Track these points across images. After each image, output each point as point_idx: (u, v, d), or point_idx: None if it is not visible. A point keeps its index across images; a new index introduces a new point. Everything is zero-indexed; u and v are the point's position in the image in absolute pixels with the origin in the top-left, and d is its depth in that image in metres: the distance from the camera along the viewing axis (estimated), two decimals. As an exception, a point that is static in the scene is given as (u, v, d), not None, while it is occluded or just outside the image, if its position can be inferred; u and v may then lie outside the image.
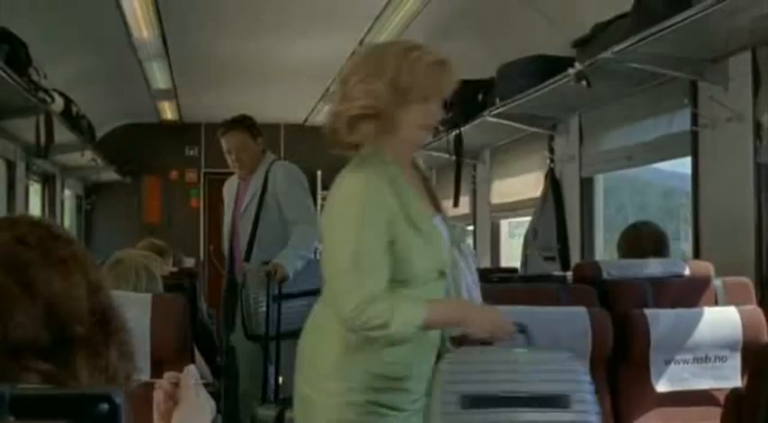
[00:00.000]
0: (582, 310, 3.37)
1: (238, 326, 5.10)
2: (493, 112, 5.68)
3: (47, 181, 7.99)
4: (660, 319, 3.37)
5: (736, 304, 3.43)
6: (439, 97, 2.63)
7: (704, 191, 4.30)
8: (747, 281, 3.61)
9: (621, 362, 3.43)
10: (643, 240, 4.14)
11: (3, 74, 4.48)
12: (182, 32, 6.35)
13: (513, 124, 5.87)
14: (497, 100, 5.57)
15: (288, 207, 5.18)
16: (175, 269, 6.18)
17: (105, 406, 1.05)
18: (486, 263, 7.03)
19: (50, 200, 8.05)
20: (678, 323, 3.38)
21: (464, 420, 2.44)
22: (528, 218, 6.11)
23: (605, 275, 3.65)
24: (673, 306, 3.46)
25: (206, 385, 1.50)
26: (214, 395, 1.56)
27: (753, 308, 3.36)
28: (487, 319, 2.55)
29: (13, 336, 1.21)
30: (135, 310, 2.97)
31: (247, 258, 5.22)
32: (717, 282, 3.57)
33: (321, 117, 9.75)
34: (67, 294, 1.27)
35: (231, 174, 5.48)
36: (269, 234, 5.19)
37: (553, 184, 5.89)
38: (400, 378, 2.60)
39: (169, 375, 1.47)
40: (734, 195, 4.06)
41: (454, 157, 6.46)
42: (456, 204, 7.02)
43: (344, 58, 7.01)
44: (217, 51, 7.07)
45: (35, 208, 7.55)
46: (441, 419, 2.47)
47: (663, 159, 5.01)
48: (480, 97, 6.06)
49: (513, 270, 5.96)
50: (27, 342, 1.22)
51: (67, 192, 8.92)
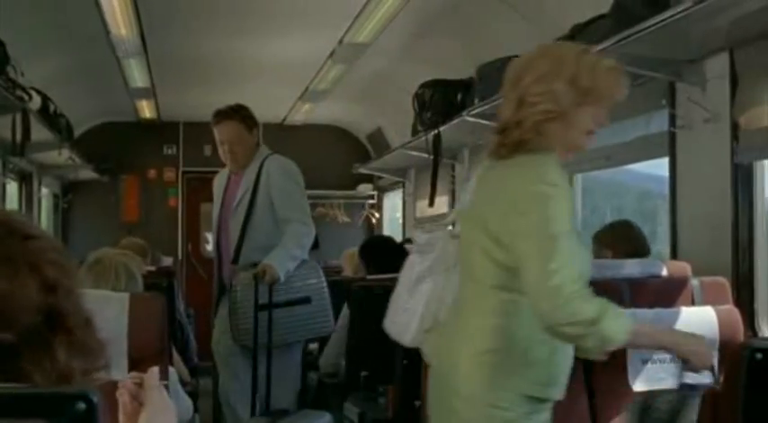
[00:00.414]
0: (560, 311, 3.36)
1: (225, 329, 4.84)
2: (472, 113, 5.67)
3: (24, 179, 7.94)
4: (638, 319, 3.37)
5: (712, 304, 3.45)
6: (610, 103, 2.59)
7: (682, 191, 4.32)
8: (724, 281, 3.62)
9: (598, 362, 3.43)
10: (639, 239, 4.19)
11: (-20, 71, 4.46)
12: (160, 30, 6.32)
13: (493, 124, 5.83)
14: (476, 100, 5.57)
15: (281, 204, 4.88)
16: (153, 268, 6.17)
17: (82, 405, 1.05)
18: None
19: (27, 198, 8.00)
20: (656, 323, 3.38)
21: None
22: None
23: (583, 276, 3.64)
24: (651, 306, 3.45)
25: (184, 385, 1.49)
26: (192, 394, 1.56)
27: (729, 308, 3.37)
28: (700, 352, 2.57)
29: None
30: (113, 310, 2.95)
31: (235, 260, 4.90)
32: (694, 282, 3.58)
33: (300, 116, 9.78)
34: (11, 293, 1.26)
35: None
36: (260, 234, 4.88)
37: (532, 185, 5.87)
38: (550, 400, 2.61)
39: (133, 375, 1.46)
40: (711, 195, 4.08)
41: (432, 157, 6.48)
42: (431, 204, 7.03)
43: (324, 58, 7.03)
44: (196, 50, 7.04)
45: (12, 206, 7.49)
46: None
47: (641, 160, 5.02)
48: (459, 97, 6.07)
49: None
50: None
51: (45, 190, 8.87)
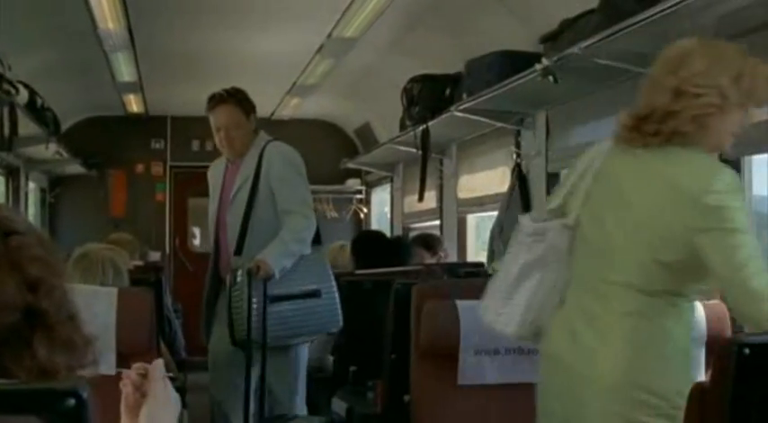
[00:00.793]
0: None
1: (218, 327, 4.65)
2: (460, 107, 5.68)
3: (11, 173, 7.92)
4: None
5: (700, 299, 3.46)
6: (757, 108, 2.55)
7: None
8: (711, 276, 3.64)
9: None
10: None
11: (-34, 65, 4.44)
12: (148, 24, 6.30)
13: (481, 119, 5.88)
14: (465, 95, 5.57)
15: (281, 194, 4.56)
16: (141, 263, 6.15)
17: (72, 401, 1.05)
18: (452, 257, 7.05)
19: (15, 193, 7.97)
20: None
21: None
22: (495, 213, 6.12)
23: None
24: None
25: (172, 379, 1.49)
26: (179, 389, 1.56)
27: (716, 302, 3.38)
28: None
29: None
30: (101, 305, 2.95)
31: (238, 252, 4.58)
32: (681, 277, 3.59)
33: (288, 111, 9.76)
34: None
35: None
36: (263, 225, 4.56)
37: (520, 180, 5.89)
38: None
39: (137, 366, 1.46)
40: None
41: (420, 152, 6.48)
42: (421, 199, 7.04)
43: (312, 52, 7.02)
44: (183, 44, 7.03)
45: (-1, 200, 7.49)
46: None
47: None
48: (447, 92, 6.07)
49: (480, 265, 5.97)
50: None
51: (32, 185, 8.85)
